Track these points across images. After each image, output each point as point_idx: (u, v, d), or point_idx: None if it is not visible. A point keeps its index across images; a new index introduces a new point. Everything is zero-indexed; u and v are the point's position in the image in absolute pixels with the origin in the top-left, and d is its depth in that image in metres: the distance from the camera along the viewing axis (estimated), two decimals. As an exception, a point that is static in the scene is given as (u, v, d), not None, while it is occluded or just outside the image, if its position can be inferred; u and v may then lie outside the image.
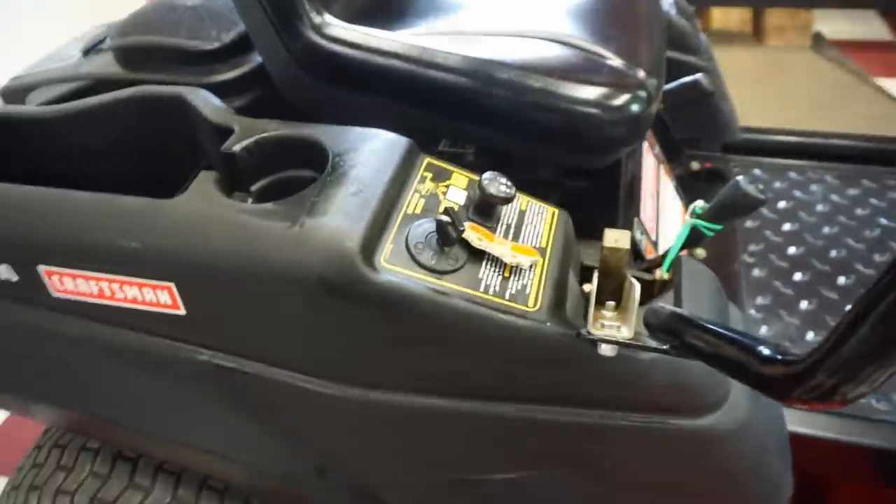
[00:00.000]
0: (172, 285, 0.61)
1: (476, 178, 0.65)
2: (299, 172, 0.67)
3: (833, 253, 1.09)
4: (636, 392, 0.61)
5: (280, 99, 0.83)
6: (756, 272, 1.07)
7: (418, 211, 0.62)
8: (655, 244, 0.94)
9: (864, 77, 2.44)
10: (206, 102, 0.72)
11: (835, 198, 1.20)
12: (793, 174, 1.26)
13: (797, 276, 1.05)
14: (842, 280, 1.03)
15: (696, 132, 1.29)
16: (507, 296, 0.58)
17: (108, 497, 0.83)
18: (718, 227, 0.75)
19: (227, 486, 0.85)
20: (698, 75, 1.06)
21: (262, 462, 0.75)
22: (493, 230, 0.63)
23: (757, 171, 1.29)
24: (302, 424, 0.69)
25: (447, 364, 0.60)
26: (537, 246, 0.64)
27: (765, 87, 2.50)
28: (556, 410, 0.62)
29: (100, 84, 0.93)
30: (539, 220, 0.67)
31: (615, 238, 0.67)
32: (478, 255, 0.60)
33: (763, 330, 0.97)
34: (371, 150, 0.64)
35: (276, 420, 0.70)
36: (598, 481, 0.68)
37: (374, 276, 0.54)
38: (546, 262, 0.63)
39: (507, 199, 0.62)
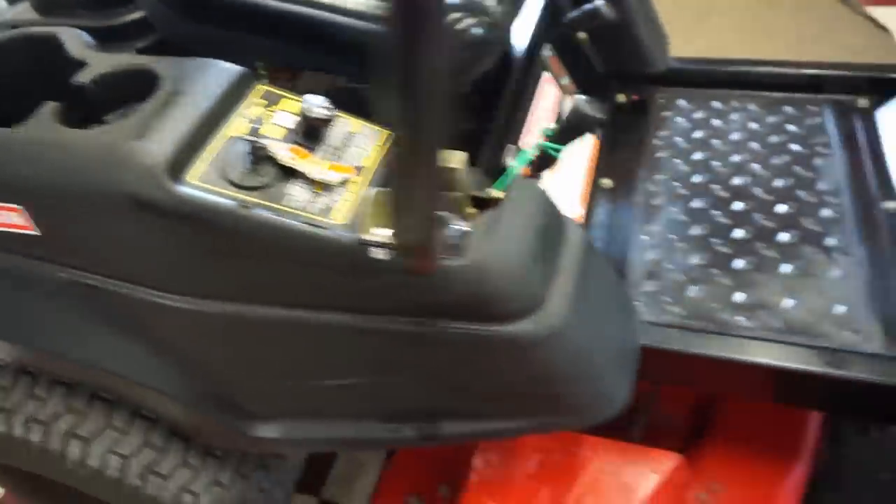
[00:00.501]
0: (21, 208, 0.67)
1: None
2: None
3: (735, 180, 1.09)
4: (440, 299, 0.65)
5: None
6: (656, 200, 1.08)
7: (241, 133, 0.66)
8: (539, 169, 0.96)
9: (856, 6, 2.33)
10: (75, 40, 0.77)
11: (753, 125, 1.19)
12: (716, 103, 1.25)
13: (694, 203, 1.06)
14: (738, 206, 1.04)
15: (619, 65, 1.28)
16: (314, 209, 0.63)
17: (44, 418, 0.91)
18: (562, 147, 0.78)
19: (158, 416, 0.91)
20: (598, 2, 1.06)
21: (153, 381, 0.83)
22: (313, 150, 0.67)
23: (682, 102, 1.27)
24: (163, 338, 0.75)
25: (263, 274, 0.65)
26: (358, 165, 0.68)
27: (753, 20, 2.41)
28: (371, 318, 0.67)
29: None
30: (368, 141, 0.70)
31: (450, 158, 0.71)
32: (289, 173, 0.64)
33: (652, 255, 0.99)
34: (202, 78, 0.68)
35: (146, 335, 0.77)
36: (427, 385, 0.73)
37: (177, 191, 0.60)
38: (364, 179, 0.67)
39: (325, 121, 0.66)
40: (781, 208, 1.03)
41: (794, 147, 1.13)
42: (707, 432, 1.05)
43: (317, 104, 0.66)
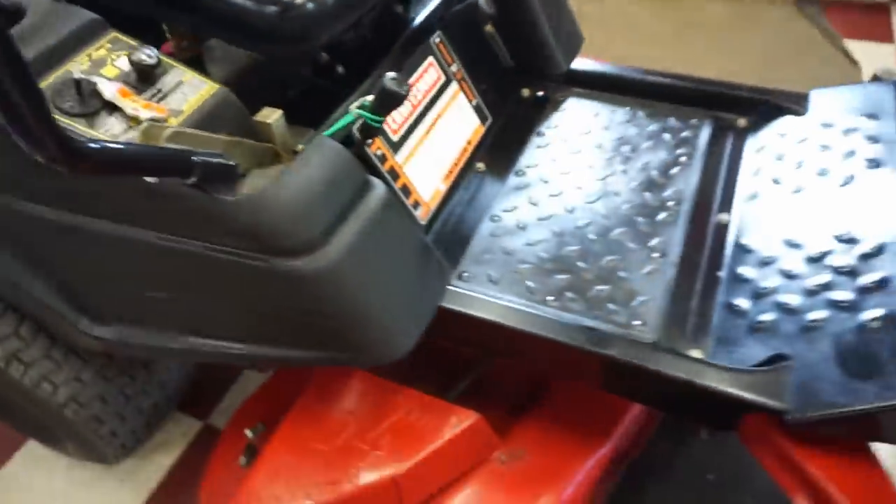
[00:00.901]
0: None
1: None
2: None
3: (596, 178, 1.17)
4: (224, 227, 0.76)
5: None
6: (518, 187, 1.17)
7: (82, 69, 0.78)
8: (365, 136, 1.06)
9: (833, 37, 2.35)
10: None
11: (632, 130, 1.26)
12: (609, 106, 1.32)
13: (549, 193, 1.14)
14: (588, 200, 1.12)
15: (523, 61, 1.36)
16: (122, 136, 0.75)
17: None
18: (380, 118, 0.88)
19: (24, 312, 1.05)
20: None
21: (21, 279, 0.96)
22: (141, 92, 0.79)
23: (578, 101, 1.35)
24: (21, 239, 0.88)
25: (85, 189, 0.77)
26: (177, 109, 0.79)
27: (727, 38, 2.45)
28: (170, 238, 0.79)
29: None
30: (193, 90, 0.81)
31: (266, 115, 0.83)
32: (111, 108, 0.76)
33: (495, 234, 1.08)
34: (55, 21, 0.80)
35: (9, 238, 0.90)
36: (223, 307, 0.84)
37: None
38: (177, 121, 0.78)
39: (149, 66, 0.78)
40: (624, 207, 1.11)
41: (661, 154, 1.20)
42: (536, 403, 1.15)
43: (145, 52, 0.78)
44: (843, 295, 0.87)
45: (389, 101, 0.85)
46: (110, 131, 0.75)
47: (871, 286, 0.86)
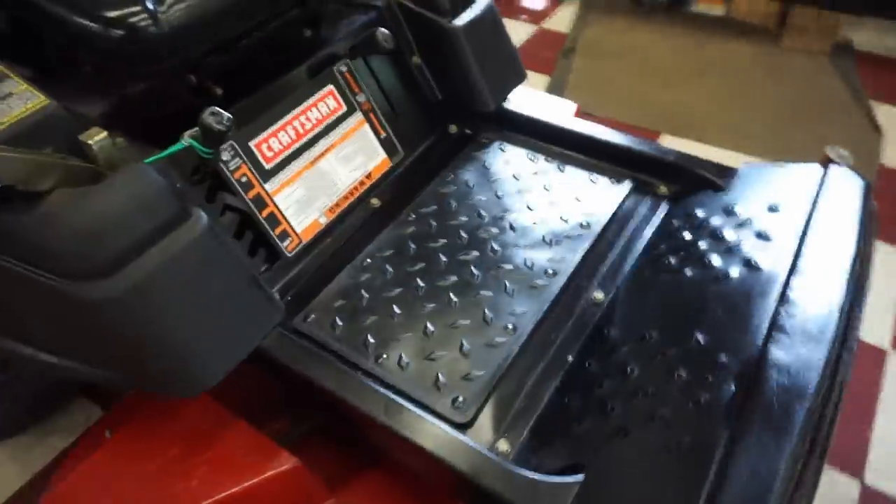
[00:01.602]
0: None
1: None
2: None
3: (485, 227, 1.11)
4: (11, 241, 0.76)
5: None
6: (402, 229, 1.12)
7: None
8: (262, 172, 1.04)
9: (861, 98, 2.15)
10: None
11: (541, 181, 1.19)
12: (532, 153, 1.25)
13: (430, 241, 1.09)
14: (466, 254, 1.06)
15: (451, 97, 1.31)
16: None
17: None
18: (209, 150, 0.86)
19: None
20: (379, 29, 1.10)
21: None
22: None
23: (502, 145, 1.29)
24: None
25: None
26: (-4, 121, 0.80)
27: (748, 85, 2.29)
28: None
29: None
30: (19, 103, 0.82)
31: (90, 135, 0.82)
32: (-77, 114, 0.78)
33: (358, 277, 1.04)
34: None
35: None
36: (37, 318, 0.85)
37: None
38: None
39: None
40: (500, 267, 1.05)
41: (563, 211, 1.13)
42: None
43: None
44: (665, 410, 0.78)
45: (209, 135, 0.83)
46: (-80, 136, 0.76)
47: (703, 404, 0.77)
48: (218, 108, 0.82)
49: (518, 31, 2.76)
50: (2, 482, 1.37)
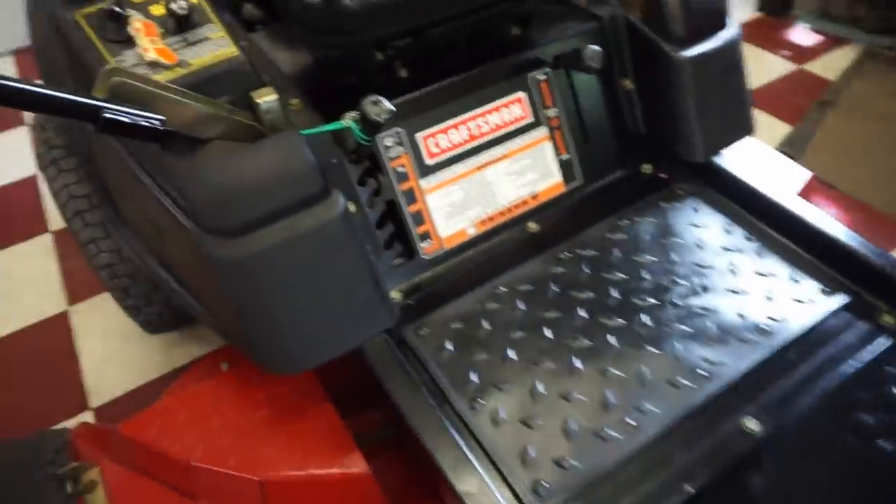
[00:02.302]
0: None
1: None
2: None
3: (635, 293, 0.94)
4: (165, 177, 0.79)
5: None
6: (554, 265, 1.00)
7: (135, 2, 0.85)
8: (421, 167, 0.98)
9: None
10: None
11: (727, 261, 0.98)
12: (730, 222, 1.04)
13: (573, 286, 0.96)
14: (579, 316, 0.92)
15: (655, 133, 1.13)
16: (136, 69, 0.80)
17: None
18: (366, 137, 0.83)
19: None
20: (590, 47, 0.96)
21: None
22: (167, 35, 0.83)
23: (695, 199, 1.09)
24: None
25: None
26: (188, 60, 0.82)
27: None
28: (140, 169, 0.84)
29: None
30: (212, 48, 0.83)
31: (260, 94, 0.82)
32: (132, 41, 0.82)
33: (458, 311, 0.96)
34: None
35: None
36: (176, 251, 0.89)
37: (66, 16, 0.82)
38: (181, 71, 0.81)
39: (181, 16, 0.81)
40: (644, 350, 0.89)
41: (748, 305, 0.92)
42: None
43: (181, 2, 0.82)
44: None
45: (367, 122, 0.78)
46: (124, 62, 0.81)
47: None
48: (380, 98, 0.77)
49: (772, 67, 2.41)
50: (149, 369, 1.53)
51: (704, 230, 1.05)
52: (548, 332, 0.91)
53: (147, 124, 0.73)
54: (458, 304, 0.97)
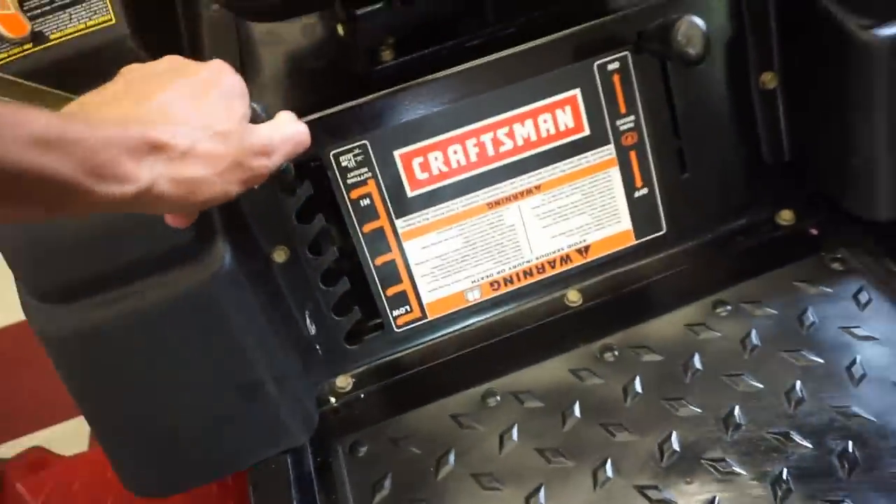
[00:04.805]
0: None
1: None
2: None
3: (697, 410, 0.54)
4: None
5: None
6: (592, 367, 0.63)
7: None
8: (398, 200, 0.65)
9: None
10: None
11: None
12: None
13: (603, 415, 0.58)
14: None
15: (810, 165, 0.67)
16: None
17: None
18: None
19: None
20: (690, 19, 0.55)
21: None
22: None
23: (864, 285, 0.63)
24: None
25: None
26: (42, 32, 0.57)
27: None
28: None
29: None
30: (85, 16, 0.57)
31: None
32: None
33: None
34: None
35: None
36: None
37: None
38: (31, 49, 0.56)
39: None
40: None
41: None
42: None
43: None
44: None
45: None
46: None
47: None
48: (255, 105, 0.45)
49: None
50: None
51: (876, 346, 0.61)
52: (542, 494, 0.56)
53: None
54: (425, 412, 0.64)
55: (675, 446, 0.57)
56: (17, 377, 1.39)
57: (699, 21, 0.56)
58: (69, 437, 1.25)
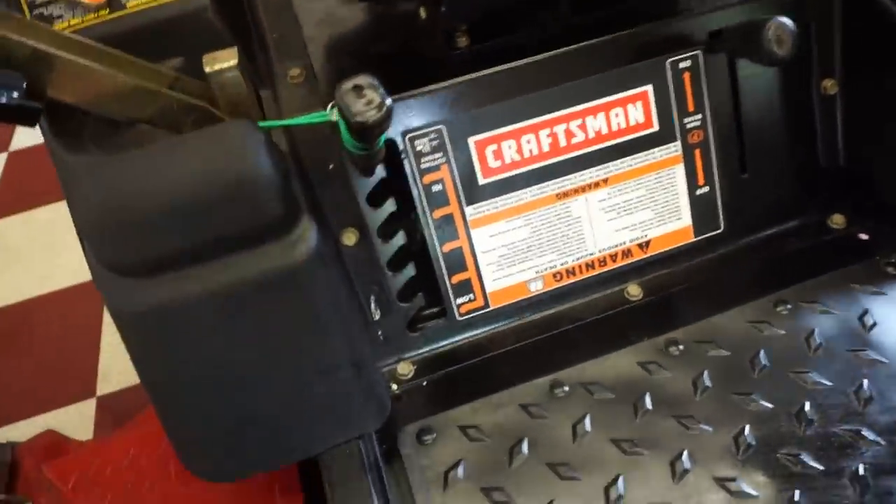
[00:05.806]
0: None
1: None
2: None
3: (768, 405, 0.55)
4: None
5: None
6: (658, 359, 0.63)
7: None
8: (469, 186, 0.64)
9: None
10: None
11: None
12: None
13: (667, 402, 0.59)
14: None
15: (866, 167, 0.70)
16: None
17: None
18: (358, 144, 0.52)
19: None
20: (780, 20, 0.56)
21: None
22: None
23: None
24: None
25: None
26: (120, 1, 0.55)
27: None
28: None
29: None
30: (167, -17, 0.56)
31: (216, 58, 0.55)
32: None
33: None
34: None
35: None
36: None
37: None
38: (108, 16, 0.54)
39: None
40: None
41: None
42: None
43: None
44: None
45: (351, 124, 0.46)
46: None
47: None
48: (372, 81, 0.44)
49: None
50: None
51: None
52: (620, 484, 0.56)
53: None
54: (494, 400, 0.64)
55: (750, 440, 0.57)
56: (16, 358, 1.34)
57: (789, 22, 0.57)
58: (73, 421, 1.21)
